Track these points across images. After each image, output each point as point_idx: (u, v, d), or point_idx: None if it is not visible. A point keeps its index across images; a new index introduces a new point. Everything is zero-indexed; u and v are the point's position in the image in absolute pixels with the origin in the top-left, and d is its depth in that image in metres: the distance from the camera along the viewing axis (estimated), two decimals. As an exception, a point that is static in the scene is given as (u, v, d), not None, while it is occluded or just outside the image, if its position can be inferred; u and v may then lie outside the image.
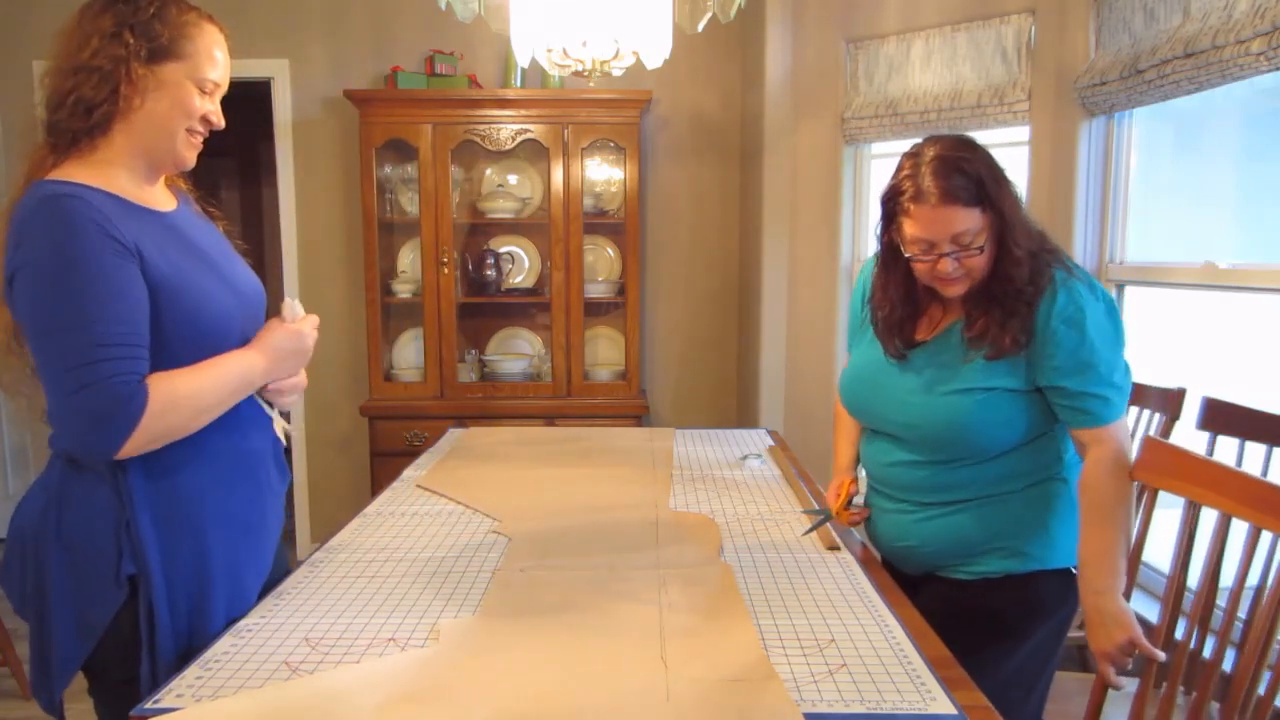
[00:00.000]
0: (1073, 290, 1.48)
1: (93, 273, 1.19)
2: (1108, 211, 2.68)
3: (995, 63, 2.92)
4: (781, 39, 3.45)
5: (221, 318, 1.35)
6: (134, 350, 1.22)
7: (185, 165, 1.39)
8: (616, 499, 1.96)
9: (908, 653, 1.25)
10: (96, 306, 1.19)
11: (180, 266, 1.31)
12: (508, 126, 3.69)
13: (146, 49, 1.29)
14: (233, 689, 1.14)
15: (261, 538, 1.45)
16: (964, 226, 1.46)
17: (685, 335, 4.16)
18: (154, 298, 1.26)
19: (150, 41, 1.29)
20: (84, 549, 1.28)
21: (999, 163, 1.51)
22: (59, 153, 1.29)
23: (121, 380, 1.20)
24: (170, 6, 1.32)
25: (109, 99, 1.27)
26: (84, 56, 1.27)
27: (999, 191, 1.47)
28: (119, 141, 1.31)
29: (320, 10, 3.94)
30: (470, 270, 3.88)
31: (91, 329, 1.19)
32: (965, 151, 1.47)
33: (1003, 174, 1.50)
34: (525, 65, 2.14)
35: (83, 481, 1.29)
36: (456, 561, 1.60)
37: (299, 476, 4.17)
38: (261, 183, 6.41)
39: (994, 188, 1.46)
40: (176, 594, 1.30)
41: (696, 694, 1.12)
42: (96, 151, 1.30)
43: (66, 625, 1.28)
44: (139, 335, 1.23)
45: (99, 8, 1.30)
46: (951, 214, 1.45)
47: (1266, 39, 1.89)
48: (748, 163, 3.88)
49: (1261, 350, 2.30)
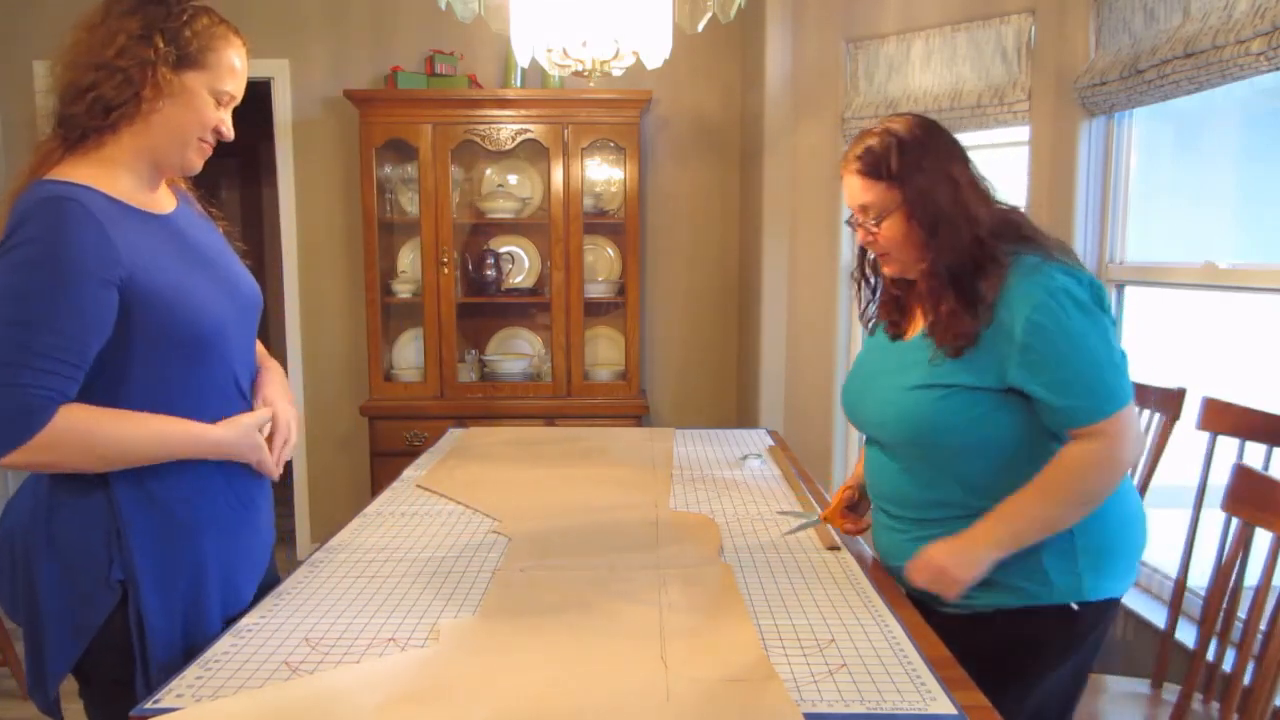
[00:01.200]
0: (1039, 281, 1.38)
1: (64, 283, 1.19)
2: (1108, 211, 2.68)
3: (995, 63, 2.92)
4: (781, 39, 3.45)
5: (217, 327, 1.35)
6: (66, 369, 1.20)
7: (192, 171, 1.40)
8: (616, 499, 1.96)
9: (908, 653, 1.25)
10: (49, 315, 1.18)
11: (177, 275, 1.31)
12: (508, 126, 3.69)
13: (175, 55, 1.29)
14: (233, 689, 1.14)
15: (254, 537, 1.46)
16: (866, 199, 1.46)
17: (685, 335, 4.16)
18: (149, 308, 1.26)
19: (179, 48, 1.29)
20: (75, 552, 1.27)
21: (946, 145, 1.46)
22: (68, 146, 1.28)
23: (36, 392, 1.18)
24: (201, 15, 1.32)
25: (130, 100, 1.27)
26: (108, 54, 1.26)
27: (911, 169, 1.42)
28: (127, 142, 1.30)
29: (320, 10, 3.94)
30: (470, 270, 3.88)
31: (32, 334, 1.18)
32: (895, 125, 1.46)
33: (935, 154, 1.44)
34: (525, 65, 2.14)
35: (73, 486, 1.28)
36: (456, 561, 1.60)
37: (299, 476, 4.17)
38: (261, 183, 6.41)
39: (904, 164, 1.41)
40: (169, 597, 1.31)
41: (696, 694, 1.12)
42: (103, 149, 1.29)
43: (59, 627, 1.28)
44: (79, 356, 1.21)
45: (128, 7, 1.29)
46: (853, 184, 1.47)
47: (1266, 39, 1.89)
48: (748, 163, 3.88)
49: (1261, 350, 2.30)
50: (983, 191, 1.49)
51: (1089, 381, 1.35)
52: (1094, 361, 1.36)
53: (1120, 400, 1.36)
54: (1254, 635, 1.41)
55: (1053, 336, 1.36)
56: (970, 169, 1.50)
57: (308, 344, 4.12)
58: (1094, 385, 1.35)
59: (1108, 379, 1.36)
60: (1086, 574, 1.42)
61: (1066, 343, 1.35)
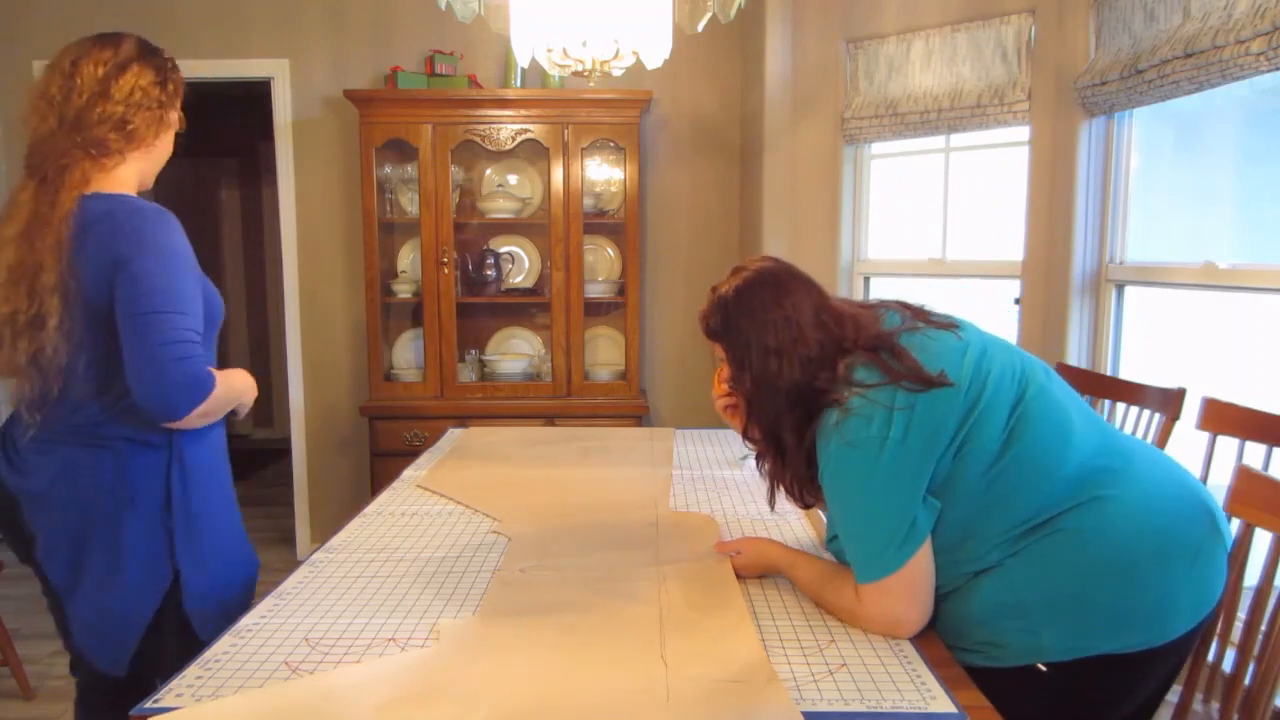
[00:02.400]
0: (823, 446, 1.34)
1: (187, 276, 1.50)
2: (1108, 211, 2.68)
3: (995, 63, 2.92)
4: (781, 39, 3.45)
5: (220, 314, 1.64)
6: (204, 345, 1.53)
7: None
8: (616, 499, 1.96)
9: (907, 653, 1.25)
10: (188, 302, 1.48)
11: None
12: (508, 126, 3.69)
13: (172, 98, 1.61)
14: (233, 689, 1.14)
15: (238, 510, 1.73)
16: (717, 353, 1.51)
17: (685, 335, 4.16)
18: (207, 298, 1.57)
19: (175, 93, 1.62)
20: (149, 508, 1.53)
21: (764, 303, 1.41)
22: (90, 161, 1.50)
23: (202, 362, 1.48)
24: (177, 67, 1.65)
25: (148, 132, 1.57)
26: (135, 96, 1.54)
27: (729, 329, 1.45)
28: (131, 165, 1.57)
29: (320, 10, 3.94)
30: (470, 270, 3.88)
31: (186, 318, 1.47)
32: (724, 287, 1.48)
33: (751, 315, 1.41)
34: (525, 65, 2.14)
35: (146, 454, 1.53)
36: (456, 562, 1.60)
37: (299, 476, 4.17)
38: (261, 183, 6.41)
39: (723, 324, 1.46)
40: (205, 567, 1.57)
41: (696, 694, 1.12)
42: (117, 169, 1.54)
43: (140, 580, 1.51)
44: (205, 335, 1.55)
45: (139, 56, 1.57)
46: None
47: (1266, 39, 1.89)
48: (748, 162, 3.88)
49: (1261, 350, 2.30)
50: (824, 328, 1.38)
51: (852, 549, 1.33)
52: (859, 533, 1.31)
53: (871, 573, 1.29)
54: (1254, 635, 1.41)
55: (831, 499, 1.36)
56: (807, 312, 1.39)
57: (308, 344, 4.12)
58: (855, 553, 1.32)
59: (864, 551, 1.30)
60: (1046, 631, 1.27)
61: (840, 509, 1.35)
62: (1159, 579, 1.28)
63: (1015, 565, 1.30)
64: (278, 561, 4.15)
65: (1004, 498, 1.30)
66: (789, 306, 1.39)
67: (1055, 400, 1.35)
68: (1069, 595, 1.27)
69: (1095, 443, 1.34)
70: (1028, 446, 1.29)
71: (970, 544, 1.32)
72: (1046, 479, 1.30)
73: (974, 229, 3.19)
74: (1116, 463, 1.33)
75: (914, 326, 1.41)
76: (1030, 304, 2.85)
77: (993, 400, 1.31)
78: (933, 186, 3.26)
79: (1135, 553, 1.28)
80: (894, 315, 1.45)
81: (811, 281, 1.46)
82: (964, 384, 1.30)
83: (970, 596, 1.32)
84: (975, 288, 3.18)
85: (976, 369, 1.33)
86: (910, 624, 1.29)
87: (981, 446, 1.29)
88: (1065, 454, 1.31)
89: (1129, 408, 2.20)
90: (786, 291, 1.42)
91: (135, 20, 3.89)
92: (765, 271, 1.46)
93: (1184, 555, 1.29)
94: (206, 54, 3.88)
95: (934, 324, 1.41)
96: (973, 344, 1.37)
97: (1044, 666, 1.28)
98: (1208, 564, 1.31)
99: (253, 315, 6.62)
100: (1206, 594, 1.31)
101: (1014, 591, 1.29)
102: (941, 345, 1.36)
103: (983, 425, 1.29)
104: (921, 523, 1.28)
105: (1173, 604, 1.28)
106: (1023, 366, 1.37)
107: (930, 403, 1.28)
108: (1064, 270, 2.72)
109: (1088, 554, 1.28)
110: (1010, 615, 1.29)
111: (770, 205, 3.53)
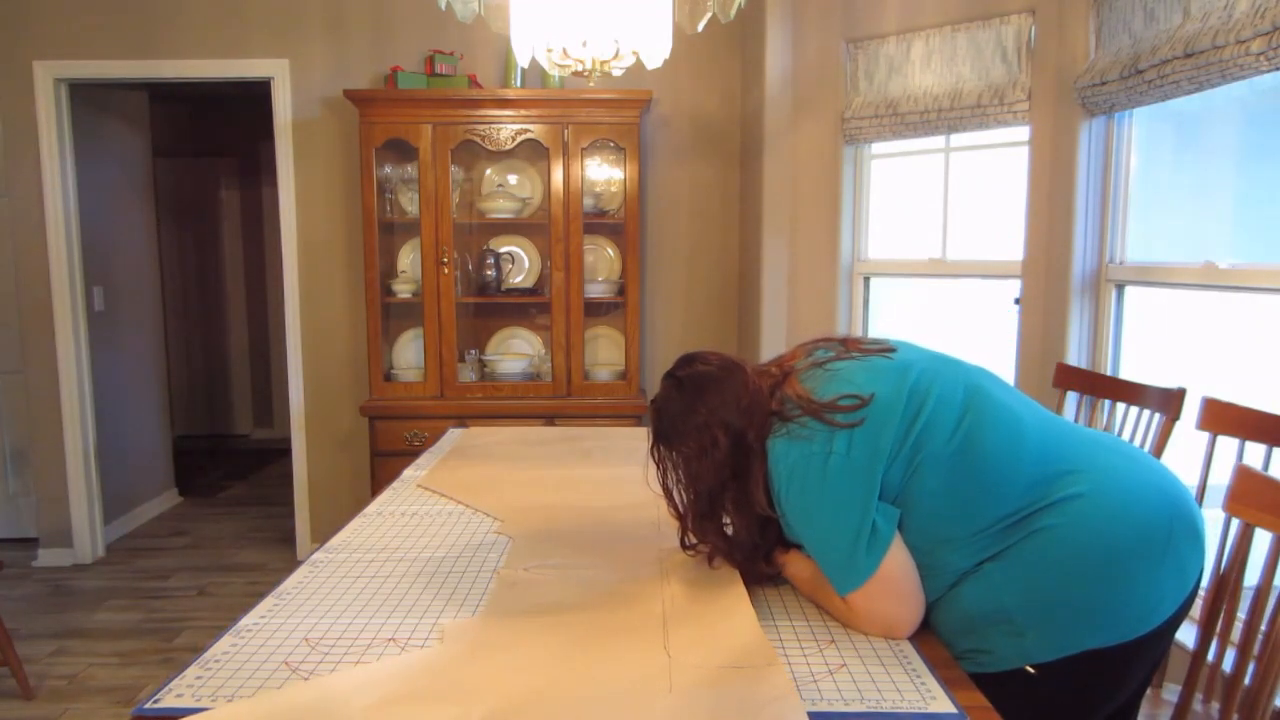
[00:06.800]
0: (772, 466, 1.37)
1: None
2: (1108, 211, 2.68)
3: (995, 63, 2.92)
4: (781, 39, 3.45)
5: None
6: None
7: None
8: (617, 499, 1.97)
9: (907, 653, 1.25)
10: None
11: None
12: (508, 126, 3.69)
13: None
14: (232, 689, 1.14)
15: None
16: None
17: (685, 335, 4.16)
18: None
19: None
20: None
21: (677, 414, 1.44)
22: None
23: None
24: None
25: None
26: None
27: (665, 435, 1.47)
28: None
29: (320, 10, 3.95)
30: (470, 270, 3.88)
31: None
32: (659, 394, 1.50)
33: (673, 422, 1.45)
34: (525, 65, 2.14)
35: None
36: (457, 562, 1.60)
37: (299, 476, 4.17)
38: (261, 183, 6.41)
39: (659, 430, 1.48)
40: None
41: (699, 681, 1.12)
42: None
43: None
44: None
45: None
46: None
47: (1266, 39, 1.89)
48: (748, 163, 3.88)
49: (1261, 350, 2.30)
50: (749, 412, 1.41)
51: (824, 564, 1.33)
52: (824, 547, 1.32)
53: (849, 583, 1.30)
54: (1254, 635, 1.41)
55: (793, 521, 1.37)
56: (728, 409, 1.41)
57: (308, 344, 4.12)
58: (827, 567, 1.32)
59: (834, 562, 1.31)
60: (1031, 633, 1.28)
61: (801, 527, 1.36)
62: (1137, 569, 1.29)
63: (994, 570, 1.31)
64: (278, 561, 4.16)
65: (966, 504, 1.32)
66: (703, 411, 1.42)
67: (1004, 405, 1.37)
68: (1050, 595, 1.28)
69: (1052, 443, 1.37)
70: (980, 453, 1.32)
71: (940, 553, 1.33)
72: (1005, 482, 1.31)
73: (974, 229, 3.19)
74: (1081, 461, 1.35)
75: (846, 354, 1.46)
76: (1030, 304, 2.85)
77: (937, 412, 1.34)
78: (933, 186, 3.26)
79: (1111, 546, 1.29)
80: (823, 351, 1.50)
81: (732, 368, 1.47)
82: (900, 399, 1.34)
83: (952, 606, 1.33)
84: (975, 288, 3.19)
85: (916, 384, 1.36)
86: (905, 622, 1.30)
87: (933, 455, 1.32)
88: (1019, 456, 1.33)
89: (1129, 408, 2.20)
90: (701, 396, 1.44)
91: (135, 20, 3.89)
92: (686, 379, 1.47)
93: (1158, 542, 1.30)
94: (206, 54, 3.88)
95: (867, 350, 1.46)
96: (913, 362, 1.41)
97: (1032, 668, 1.28)
98: (1182, 547, 1.32)
99: (253, 315, 6.62)
100: (1185, 576, 1.32)
101: (995, 596, 1.30)
102: (873, 367, 1.41)
103: (931, 436, 1.32)
104: (882, 526, 1.30)
105: (1153, 592, 1.29)
106: (967, 377, 1.41)
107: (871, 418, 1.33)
108: (1064, 270, 2.73)
109: (1064, 552, 1.29)
110: (994, 620, 1.30)
111: (770, 205, 3.53)
